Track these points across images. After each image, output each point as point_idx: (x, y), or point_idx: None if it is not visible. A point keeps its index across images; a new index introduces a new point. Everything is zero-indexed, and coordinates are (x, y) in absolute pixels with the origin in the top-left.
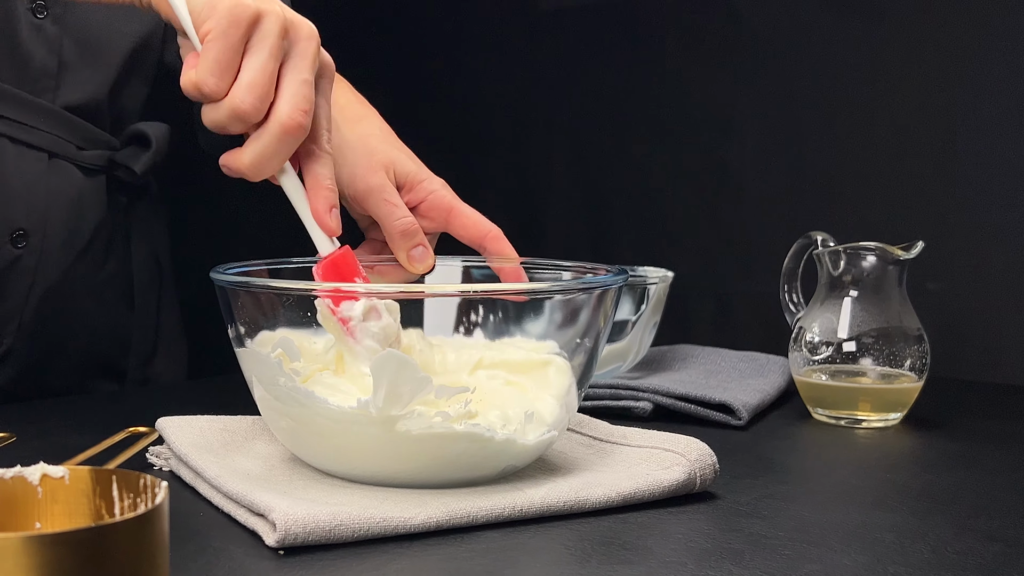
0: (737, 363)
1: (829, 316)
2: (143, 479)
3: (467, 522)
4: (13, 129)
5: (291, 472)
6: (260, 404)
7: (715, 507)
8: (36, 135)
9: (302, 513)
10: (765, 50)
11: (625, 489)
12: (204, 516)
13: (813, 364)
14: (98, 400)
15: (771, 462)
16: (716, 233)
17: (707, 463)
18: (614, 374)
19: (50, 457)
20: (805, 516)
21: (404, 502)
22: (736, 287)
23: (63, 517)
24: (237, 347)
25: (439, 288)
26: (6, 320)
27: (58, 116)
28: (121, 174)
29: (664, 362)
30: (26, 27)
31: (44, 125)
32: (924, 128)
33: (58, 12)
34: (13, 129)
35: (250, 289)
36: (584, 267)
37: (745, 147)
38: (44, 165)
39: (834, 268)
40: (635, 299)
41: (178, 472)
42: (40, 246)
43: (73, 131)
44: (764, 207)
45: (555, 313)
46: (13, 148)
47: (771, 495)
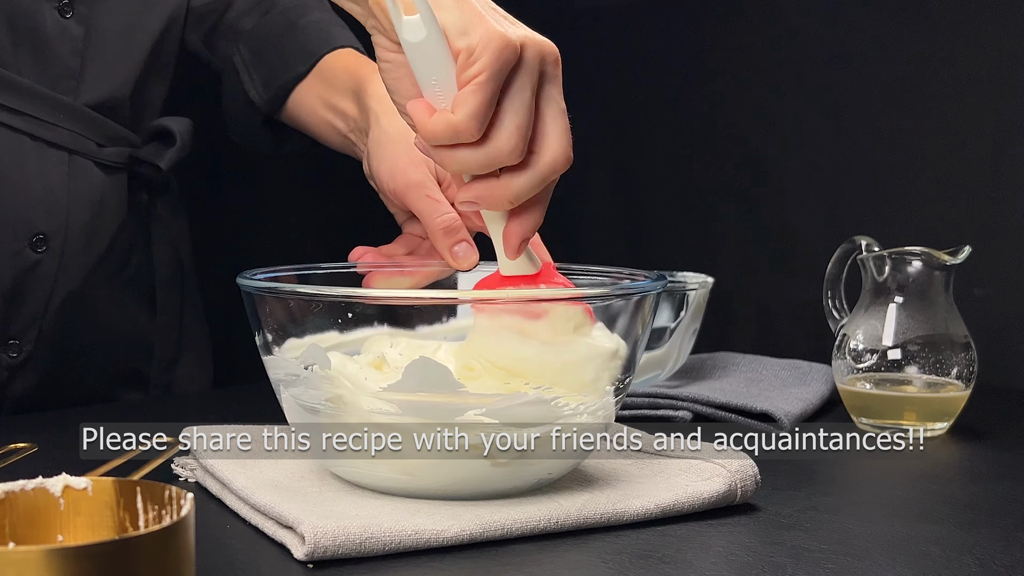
0: (779, 371)
1: (873, 323)
2: (168, 490)
3: (501, 535)
4: (33, 126)
5: (320, 483)
6: (288, 412)
7: (756, 519)
8: (56, 132)
9: (332, 526)
10: (807, 49)
11: (664, 501)
12: (231, 529)
13: (857, 372)
14: (122, 409)
15: (814, 473)
16: (757, 237)
17: (748, 474)
18: (653, 382)
19: (72, 468)
20: (849, 528)
21: (436, 514)
22: (778, 293)
23: (86, 529)
24: (264, 355)
25: (473, 294)
26: (25, 327)
27: (78, 113)
28: (144, 171)
29: (704, 370)
30: (52, 27)
31: (64, 122)
32: (971, 130)
33: (83, 12)
34: (33, 126)
35: (278, 295)
36: (621, 273)
37: (787, 148)
38: (65, 165)
39: (879, 273)
40: (674, 305)
41: (204, 483)
42: (60, 250)
43: (93, 128)
44: (807, 210)
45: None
46: (33, 146)
47: (814, 507)
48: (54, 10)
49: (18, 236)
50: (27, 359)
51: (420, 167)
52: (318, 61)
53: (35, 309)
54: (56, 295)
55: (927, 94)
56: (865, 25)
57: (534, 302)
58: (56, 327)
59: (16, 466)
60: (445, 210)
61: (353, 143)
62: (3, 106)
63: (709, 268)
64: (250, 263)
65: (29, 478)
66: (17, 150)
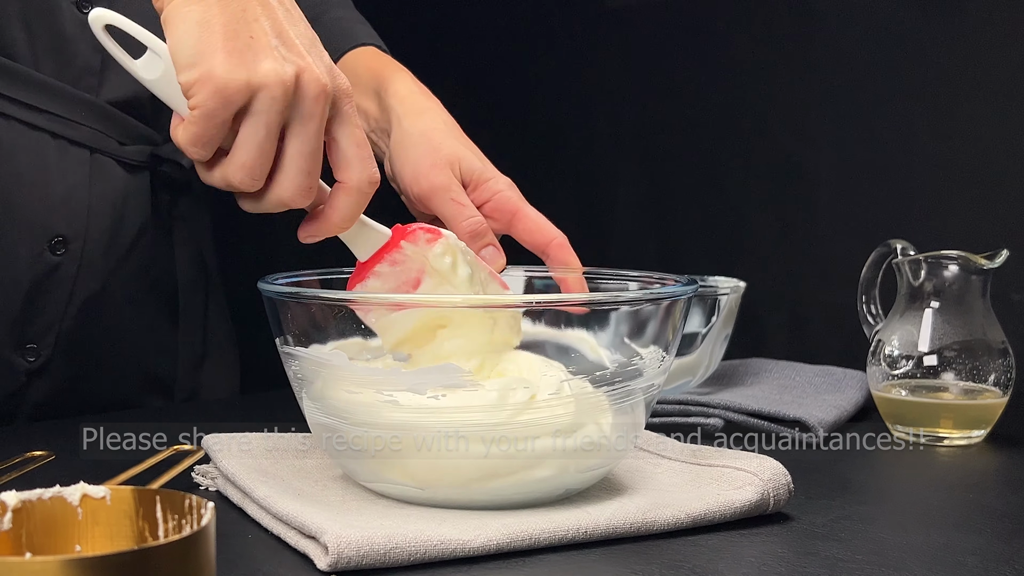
0: (812, 378)
1: (909, 328)
2: (188, 499)
3: (528, 544)
4: (54, 123)
5: (344, 492)
6: (310, 418)
7: (789, 529)
8: (78, 130)
9: (355, 535)
10: (840, 49)
11: (695, 510)
12: (252, 538)
13: (892, 379)
14: (141, 416)
15: (848, 482)
16: (790, 241)
17: (781, 483)
18: (683, 389)
19: (91, 476)
20: (884, 538)
21: (462, 523)
22: (811, 298)
23: (104, 539)
24: (287, 360)
25: (501, 299)
26: (44, 331)
27: (100, 110)
28: (166, 169)
29: (736, 376)
30: (71, 23)
31: (86, 119)
32: (1009, 131)
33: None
34: (54, 123)
35: (301, 300)
36: (651, 277)
37: (820, 150)
38: (87, 164)
39: (914, 278)
40: (705, 310)
41: (225, 492)
42: (80, 253)
43: (115, 126)
44: (840, 213)
45: (621, 325)
46: (55, 145)
47: (848, 516)
48: (72, 5)
49: (37, 239)
50: (45, 364)
51: (444, 170)
52: (339, 59)
53: (53, 313)
54: (75, 299)
55: (963, 94)
56: (899, 24)
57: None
58: (75, 331)
59: (33, 474)
60: (471, 214)
61: (375, 143)
62: (24, 103)
63: (741, 272)
64: (273, 265)
65: (46, 487)
66: (38, 149)
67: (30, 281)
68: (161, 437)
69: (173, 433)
